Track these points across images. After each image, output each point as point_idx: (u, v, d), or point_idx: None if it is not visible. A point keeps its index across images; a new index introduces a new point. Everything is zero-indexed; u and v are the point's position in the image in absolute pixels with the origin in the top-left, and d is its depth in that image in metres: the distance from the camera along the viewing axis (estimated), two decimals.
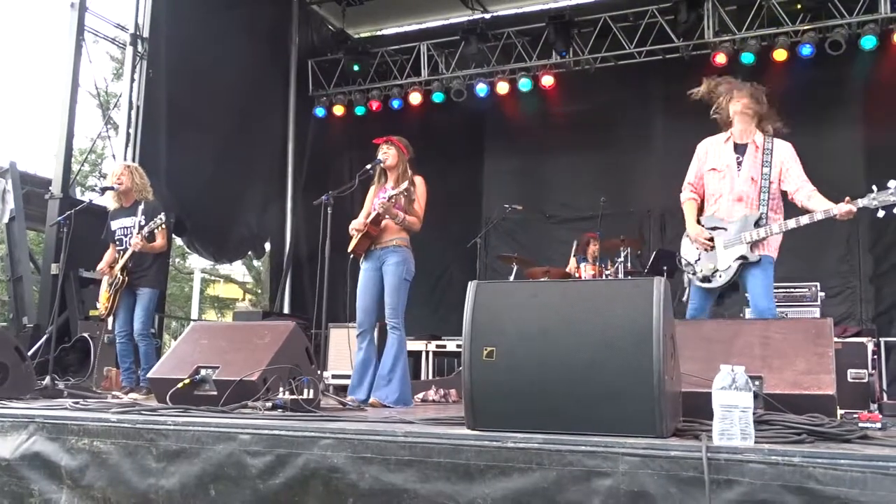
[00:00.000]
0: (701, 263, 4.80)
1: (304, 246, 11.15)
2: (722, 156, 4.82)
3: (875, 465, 2.31)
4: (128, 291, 6.16)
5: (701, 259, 4.81)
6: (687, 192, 4.98)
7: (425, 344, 8.72)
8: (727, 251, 4.71)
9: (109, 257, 6.33)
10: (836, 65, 9.10)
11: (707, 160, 4.89)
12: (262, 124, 10.91)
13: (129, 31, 9.10)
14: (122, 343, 6.19)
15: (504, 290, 3.17)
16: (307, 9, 11.78)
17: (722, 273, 4.71)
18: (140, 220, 6.13)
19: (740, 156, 4.77)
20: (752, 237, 4.64)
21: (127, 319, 6.17)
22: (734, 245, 4.68)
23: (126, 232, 6.20)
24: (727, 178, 4.78)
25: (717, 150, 4.87)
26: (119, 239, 6.26)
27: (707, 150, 4.93)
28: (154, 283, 6.28)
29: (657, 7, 9.55)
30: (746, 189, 4.71)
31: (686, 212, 4.94)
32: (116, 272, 6.13)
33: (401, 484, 2.83)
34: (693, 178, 4.97)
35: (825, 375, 3.33)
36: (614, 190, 9.74)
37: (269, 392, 4.09)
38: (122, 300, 6.17)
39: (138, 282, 6.16)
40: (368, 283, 5.45)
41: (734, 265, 4.67)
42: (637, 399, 2.75)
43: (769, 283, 4.69)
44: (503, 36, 10.35)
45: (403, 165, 5.51)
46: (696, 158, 4.98)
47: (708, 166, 4.86)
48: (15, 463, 3.52)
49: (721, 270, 4.72)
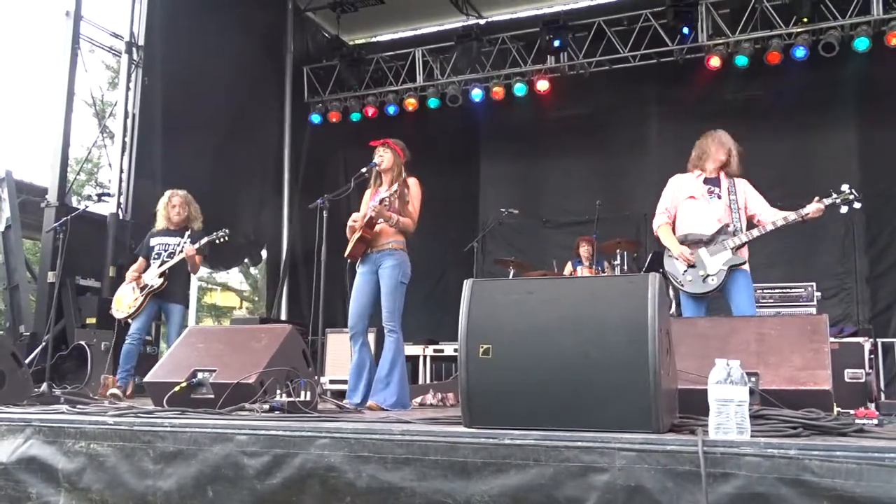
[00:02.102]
0: (690, 273, 5.25)
1: (300, 252, 11.15)
2: (696, 187, 5.41)
3: (870, 456, 2.31)
4: (155, 301, 6.38)
5: (689, 270, 5.26)
6: (662, 217, 5.47)
7: (423, 348, 8.73)
8: (714, 258, 5.20)
9: (139, 267, 6.54)
10: (829, 67, 9.14)
11: (683, 190, 5.43)
12: (258, 132, 10.92)
13: (125, 40, 9.12)
14: (132, 345, 6.31)
15: (500, 287, 3.17)
16: (302, 16, 11.81)
17: (713, 277, 5.17)
18: (185, 242, 6.39)
19: (713, 186, 5.38)
20: (734, 242, 5.17)
21: (146, 324, 6.40)
22: (719, 252, 5.20)
23: (166, 248, 6.47)
24: (704, 202, 5.35)
25: (690, 183, 5.45)
26: (158, 253, 6.48)
27: (681, 184, 5.48)
28: (183, 299, 6.58)
29: (651, 11, 9.59)
30: (722, 210, 5.30)
31: (664, 235, 5.42)
32: (154, 276, 6.34)
33: (398, 482, 2.83)
34: (668, 205, 5.47)
35: (821, 371, 3.34)
36: (610, 193, 9.76)
37: (267, 394, 4.09)
38: (148, 306, 6.38)
39: (171, 295, 6.41)
40: (363, 286, 5.45)
41: (724, 268, 5.15)
42: (633, 395, 2.75)
43: (751, 291, 5.26)
44: (498, 41, 10.39)
45: (398, 168, 5.51)
46: (670, 190, 5.52)
47: (685, 195, 5.41)
48: (12, 466, 3.51)
49: (712, 274, 5.18)
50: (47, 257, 8.01)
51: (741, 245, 5.18)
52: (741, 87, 9.76)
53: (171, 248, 6.43)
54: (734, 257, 5.15)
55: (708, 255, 5.22)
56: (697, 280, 5.20)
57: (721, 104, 9.72)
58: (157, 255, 6.50)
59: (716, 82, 9.62)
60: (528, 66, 10.28)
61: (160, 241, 6.57)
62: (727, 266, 5.14)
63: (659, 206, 5.51)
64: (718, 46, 9.33)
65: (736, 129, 5.67)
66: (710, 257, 5.21)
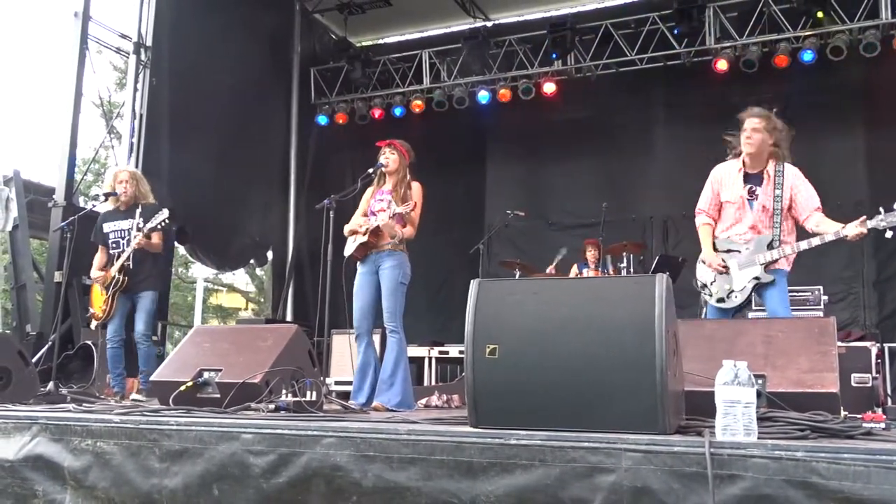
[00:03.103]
0: (716, 285, 4.91)
1: (306, 254, 11.17)
2: (735, 187, 4.91)
3: (878, 458, 2.30)
4: (125, 296, 6.10)
5: (717, 280, 4.91)
6: (702, 217, 5.07)
7: (428, 350, 8.72)
8: (742, 272, 4.82)
9: (100, 261, 6.25)
10: (837, 70, 9.12)
11: (722, 189, 4.97)
12: (265, 133, 10.95)
13: (133, 40, 9.15)
14: (114, 348, 6.10)
15: (506, 288, 3.17)
16: (309, 17, 11.83)
17: (738, 294, 4.84)
18: (138, 222, 6.04)
19: (753, 185, 4.86)
20: (765, 258, 4.75)
21: (121, 324, 6.11)
22: (748, 266, 4.80)
23: (122, 234, 6.14)
24: (740, 210, 4.89)
25: (730, 180, 4.94)
26: (116, 242, 6.18)
27: (721, 179, 4.99)
28: (154, 285, 6.22)
29: (658, 14, 9.59)
30: (759, 217, 4.83)
31: (702, 236, 5.04)
32: (114, 273, 6.04)
33: (404, 482, 2.83)
34: (706, 205, 5.04)
35: (828, 374, 3.33)
36: (616, 196, 9.76)
37: (272, 394, 4.09)
38: (118, 304, 6.09)
39: (138, 286, 6.10)
40: (364, 286, 5.45)
41: (749, 286, 4.79)
42: (639, 395, 2.75)
43: (785, 295, 4.83)
44: (505, 43, 10.40)
45: (404, 171, 5.52)
46: (710, 185, 5.05)
47: (722, 198, 4.96)
48: (18, 464, 3.52)
49: (737, 291, 4.84)
50: (54, 257, 8.04)
51: (774, 261, 4.74)
52: (748, 91, 9.74)
53: (125, 231, 6.10)
54: (764, 274, 4.74)
55: (737, 269, 4.84)
56: (723, 293, 4.86)
57: (728, 107, 9.67)
58: (115, 244, 6.16)
59: (723, 85, 9.59)
60: (535, 68, 10.28)
61: (113, 226, 6.21)
62: (752, 284, 4.76)
63: (699, 204, 5.09)
64: (726, 49, 9.32)
65: None
66: (738, 271, 4.83)
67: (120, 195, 6.23)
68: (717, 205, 5.00)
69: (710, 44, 9.38)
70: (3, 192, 8.97)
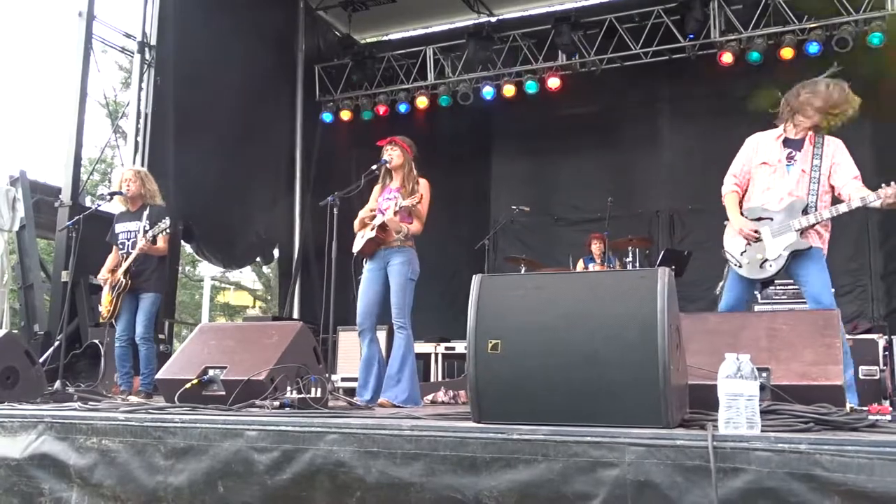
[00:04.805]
0: (748, 254, 4.63)
1: (312, 251, 11.17)
2: (773, 151, 4.70)
3: (882, 450, 2.29)
4: (130, 296, 6.18)
5: (747, 250, 4.64)
6: (730, 184, 4.82)
7: (434, 346, 8.72)
8: (776, 240, 4.55)
9: (112, 262, 6.35)
10: (843, 62, 9.05)
11: (758, 154, 4.75)
12: (270, 130, 10.95)
13: (137, 40, 9.17)
14: (121, 347, 6.18)
15: (509, 283, 3.16)
16: (313, 14, 11.83)
17: (772, 262, 4.56)
18: (144, 225, 6.15)
19: (793, 150, 4.65)
20: (801, 224, 4.49)
21: (128, 324, 6.17)
22: (783, 233, 4.53)
23: (130, 236, 6.23)
24: (778, 173, 4.65)
25: (768, 146, 4.74)
26: (122, 243, 6.28)
27: (758, 145, 4.78)
28: (157, 287, 6.27)
29: (663, 7, 9.55)
30: (796, 181, 4.60)
31: (728, 204, 4.79)
32: (119, 276, 6.12)
33: (407, 477, 2.83)
34: (738, 171, 4.80)
35: (833, 366, 3.31)
36: (622, 191, 9.75)
37: (277, 391, 4.09)
38: (124, 305, 6.17)
39: (141, 286, 6.17)
40: (371, 282, 5.45)
41: (784, 254, 4.52)
42: (642, 389, 2.74)
43: (827, 277, 4.54)
44: (509, 38, 10.36)
45: (409, 165, 5.52)
46: (744, 152, 4.83)
47: (759, 160, 4.73)
48: (24, 463, 3.54)
49: (771, 260, 4.55)
50: (61, 256, 8.06)
51: (809, 226, 4.48)
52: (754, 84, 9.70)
53: (133, 234, 6.21)
54: (798, 241, 4.47)
55: (770, 236, 4.55)
56: (755, 263, 4.58)
57: (734, 100, 9.66)
58: (122, 245, 6.27)
59: (728, 78, 9.56)
60: (540, 63, 10.24)
61: (123, 227, 6.33)
62: (788, 251, 4.48)
63: (730, 169, 4.83)
64: (731, 42, 9.28)
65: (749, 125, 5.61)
66: (772, 238, 4.54)
67: (125, 193, 6.29)
68: (748, 173, 4.78)
69: (715, 37, 9.34)
70: (9, 192, 9.01)
